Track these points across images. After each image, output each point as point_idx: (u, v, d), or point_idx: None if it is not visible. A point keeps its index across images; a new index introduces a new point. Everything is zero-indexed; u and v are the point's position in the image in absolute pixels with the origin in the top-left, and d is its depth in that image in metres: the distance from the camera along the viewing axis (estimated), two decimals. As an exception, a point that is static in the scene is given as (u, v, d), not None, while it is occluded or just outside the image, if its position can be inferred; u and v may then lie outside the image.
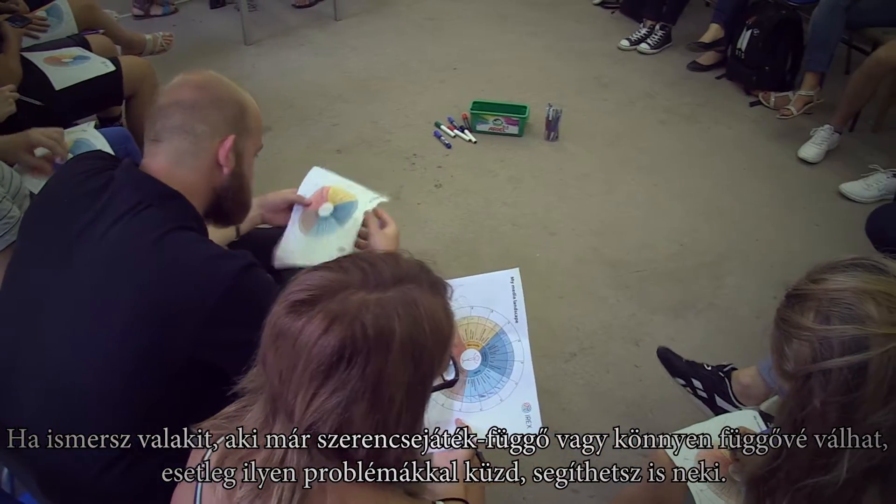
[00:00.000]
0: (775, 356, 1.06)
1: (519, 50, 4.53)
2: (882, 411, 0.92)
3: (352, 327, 0.89)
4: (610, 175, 3.45)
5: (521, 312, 1.49)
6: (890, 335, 0.92)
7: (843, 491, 0.96)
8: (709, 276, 2.90)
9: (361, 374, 0.90)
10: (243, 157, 1.52)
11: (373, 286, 0.93)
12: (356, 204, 1.89)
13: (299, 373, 0.90)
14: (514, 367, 1.45)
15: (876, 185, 3.29)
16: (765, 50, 3.98)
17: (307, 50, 4.44)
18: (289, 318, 0.91)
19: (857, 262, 1.01)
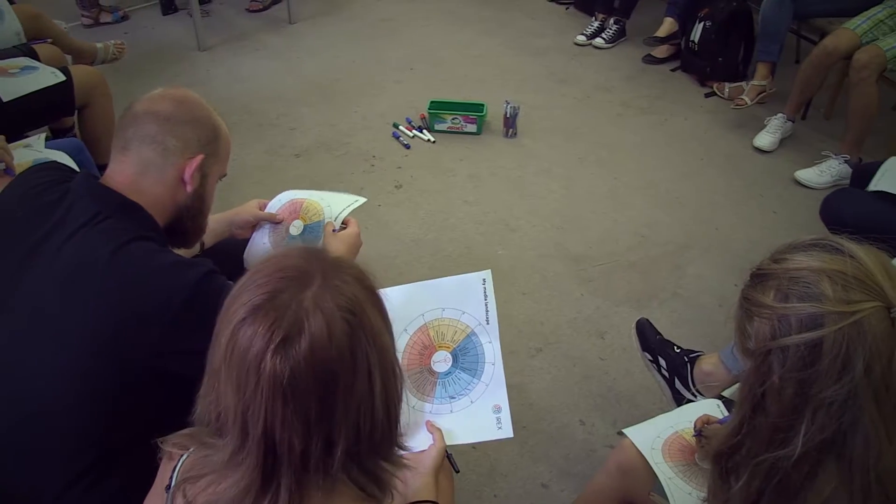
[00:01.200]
0: (738, 334, 1.08)
1: (475, 48, 4.53)
2: (835, 386, 0.93)
3: (343, 316, 0.91)
4: (569, 170, 3.47)
5: (492, 314, 1.50)
6: (843, 313, 0.93)
7: (800, 465, 0.98)
8: (671, 267, 2.93)
9: (369, 344, 0.93)
10: (207, 179, 1.51)
11: (306, 281, 0.94)
12: (323, 223, 1.90)
13: (331, 394, 0.90)
14: (484, 369, 1.46)
15: (829, 172, 3.35)
16: (718, 42, 4.03)
17: (262, 55, 4.40)
18: (286, 359, 0.88)
19: (816, 243, 1.03)
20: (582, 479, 2.11)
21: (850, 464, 0.94)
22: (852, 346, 0.92)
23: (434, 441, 1.31)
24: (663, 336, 2.26)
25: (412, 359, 1.42)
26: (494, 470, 2.17)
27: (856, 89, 3.18)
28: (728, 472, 1.12)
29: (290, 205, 1.96)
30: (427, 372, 1.43)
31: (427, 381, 1.42)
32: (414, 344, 1.44)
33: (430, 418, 1.37)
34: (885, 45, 3.09)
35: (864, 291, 0.95)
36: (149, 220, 1.42)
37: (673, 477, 1.51)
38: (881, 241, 1.90)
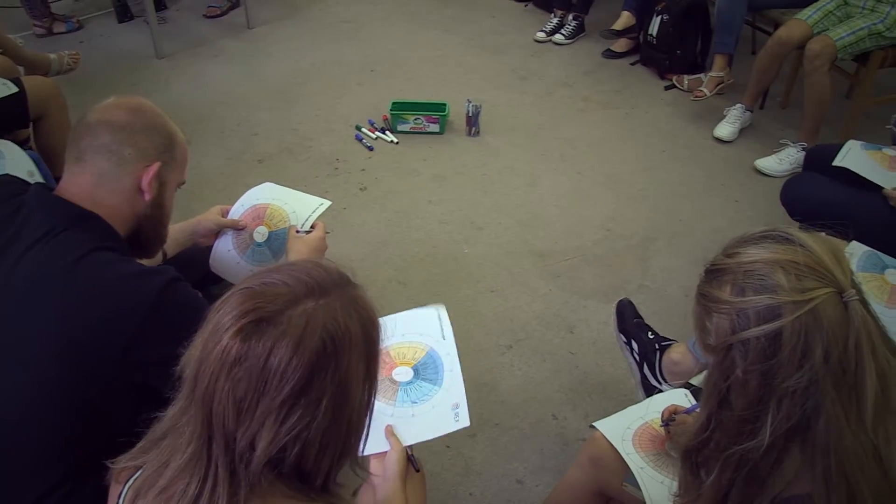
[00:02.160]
0: (698, 331, 1.08)
1: (436, 48, 4.54)
2: (797, 374, 0.94)
3: (322, 338, 0.89)
4: (533, 166, 3.49)
5: (448, 332, 1.54)
6: (799, 302, 0.94)
7: (768, 453, 0.99)
8: (637, 259, 2.96)
9: (334, 381, 0.91)
10: (166, 187, 1.50)
11: (319, 293, 0.93)
12: (287, 230, 1.90)
13: (270, 397, 0.88)
14: (444, 377, 1.48)
15: (788, 159, 3.40)
16: (675, 35, 4.08)
17: (222, 60, 4.36)
18: (247, 342, 0.88)
19: (766, 234, 1.04)
20: (556, 473, 2.12)
21: (813, 448, 0.96)
22: (810, 334, 0.94)
23: (392, 446, 1.31)
24: (642, 319, 2.27)
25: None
26: (469, 469, 2.17)
27: (809, 78, 3.24)
28: (698, 467, 1.13)
29: (252, 210, 1.95)
30: (389, 381, 1.45)
31: (389, 388, 1.44)
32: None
33: (392, 421, 1.37)
34: (835, 35, 3.15)
35: (816, 279, 0.96)
36: (108, 230, 1.40)
37: (644, 466, 1.53)
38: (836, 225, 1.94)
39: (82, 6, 4.89)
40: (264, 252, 1.89)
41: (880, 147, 2.49)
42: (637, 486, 1.50)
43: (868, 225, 2.29)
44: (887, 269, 1.99)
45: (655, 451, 1.56)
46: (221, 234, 1.93)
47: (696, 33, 4.15)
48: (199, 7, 4.92)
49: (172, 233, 1.74)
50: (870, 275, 1.98)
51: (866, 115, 3.52)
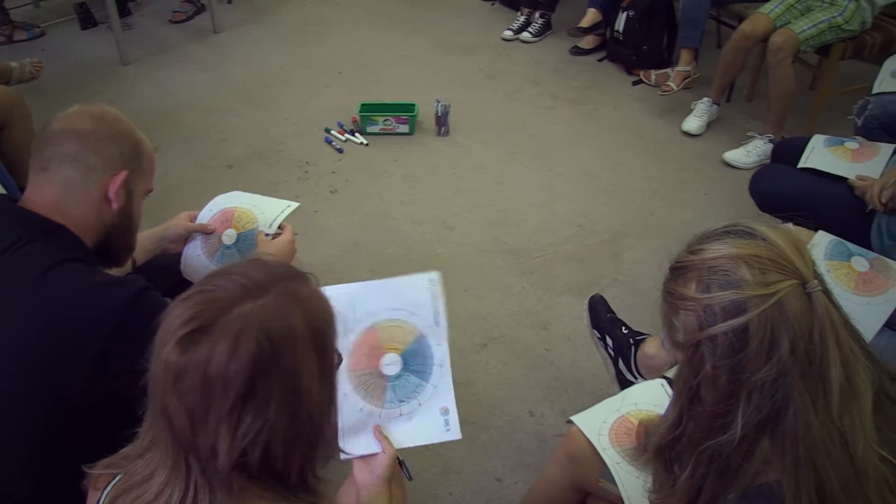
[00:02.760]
0: (666, 329, 1.09)
1: (403, 48, 4.53)
2: (766, 367, 0.95)
3: (257, 339, 0.88)
4: (503, 165, 3.49)
5: (441, 316, 1.46)
6: (764, 295, 0.95)
7: (739, 446, 1.00)
8: (609, 254, 2.97)
9: (279, 380, 0.90)
10: (133, 195, 1.49)
11: (256, 293, 0.92)
12: (257, 230, 1.89)
13: (217, 405, 0.88)
14: (433, 371, 1.45)
15: (755, 151, 3.44)
16: (641, 30, 4.11)
17: (188, 66, 4.33)
18: (185, 354, 0.88)
19: (729, 230, 1.05)
20: (534, 469, 2.13)
21: (782, 438, 0.97)
22: (776, 327, 0.95)
23: (383, 450, 1.30)
24: (615, 315, 2.29)
25: (359, 360, 1.41)
26: (448, 468, 2.17)
27: (774, 71, 3.28)
28: (672, 463, 1.14)
29: (221, 214, 1.94)
30: (377, 375, 1.42)
31: (377, 385, 1.41)
32: (361, 344, 1.43)
33: (379, 423, 1.36)
34: (797, 28, 3.19)
35: (779, 271, 0.97)
36: (75, 240, 1.39)
37: (620, 462, 1.53)
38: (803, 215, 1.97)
39: (43, 13, 4.83)
40: (233, 254, 1.88)
41: (842, 141, 2.53)
42: (613, 481, 1.50)
43: (834, 214, 2.33)
44: (853, 257, 2.02)
45: (632, 445, 1.56)
46: (190, 240, 1.92)
47: (662, 28, 4.18)
48: (163, 12, 4.88)
49: (141, 240, 1.73)
50: (837, 263, 2.01)
51: (830, 106, 3.57)
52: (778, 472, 0.99)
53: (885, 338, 1.82)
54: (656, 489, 1.21)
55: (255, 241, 1.86)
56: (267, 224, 1.90)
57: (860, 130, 2.74)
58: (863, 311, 1.88)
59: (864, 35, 3.33)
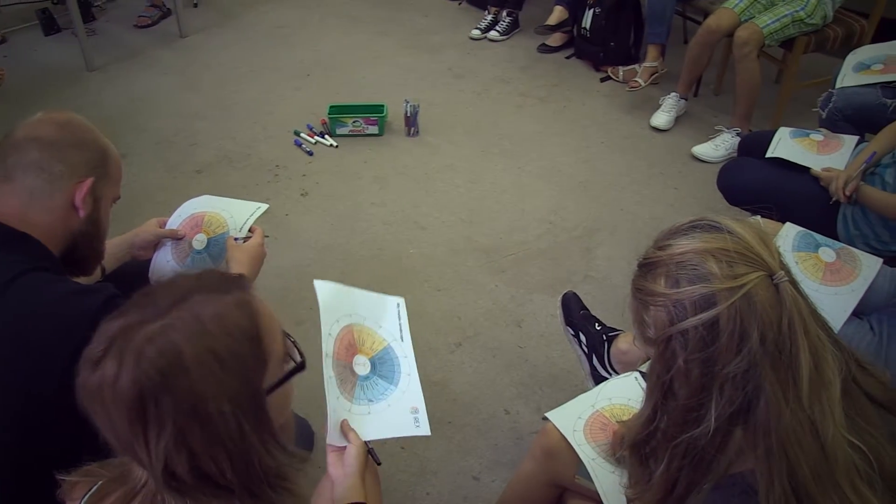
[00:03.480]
0: (637, 325, 1.10)
1: (371, 50, 4.52)
2: (737, 359, 0.96)
3: (139, 364, 0.86)
4: (473, 163, 3.50)
5: (406, 334, 1.54)
6: (732, 288, 0.96)
7: (713, 438, 1.00)
8: (581, 250, 2.98)
9: (173, 404, 0.87)
10: (100, 203, 1.47)
11: (152, 317, 0.90)
12: (228, 234, 1.88)
13: (121, 425, 0.88)
14: (401, 378, 1.48)
15: (723, 145, 3.47)
16: (608, 27, 4.13)
17: (156, 71, 4.29)
18: (87, 376, 0.89)
19: (695, 224, 1.06)
20: (511, 467, 2.13)
21: (755, 429, 0.98)
22: (746, 318, 0.95)
23: (351, 440, 1.31)
24: (588, 311, 2.30)
25: (340, 350, 1.44)
26: (425, 468, 2.17)
27: (739, 65, 3.31)
28: (647, 458, 1.15)
29: (190, 219, 1.92)
30: (349, 370, 1.44)
31: (349, 380, 1.43)
32: (343, 337, 1.46)
33: (349, 417, 1.37)
34: (762, 23, 3.23)
35: (747, 264, 0.98)
36: (41, 249, 1.37)
37: (596, 457, 1.54)
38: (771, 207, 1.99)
39: (4, 19, 4.74)
40: (204, 258, 1.87)
41: (808, 133, 2.57)
42: (589, 478, 1.51)
43: (801, 205, 2.36)
44: (820, 248, 2.04)
45: (607, 440, 1.57)
46: (160, 246, 1.90)
47: (629, 25, 4.20)
48: (129, 18, 4.83)
49: (110, 247, 1.71)
50: (805, 254, 2.03)
51: (795, 99, 3.61)
52: (751, 462, 1.00)
53: (853, 327, 1.85)
54: (632, 484, 1.22)
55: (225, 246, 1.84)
56: (237, 228, 1.89)
57: (824, 122, 2.78)
58: (831, 302, 1.90)
59: (827, 29, 3.38)
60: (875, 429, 1.02)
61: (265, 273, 2.69)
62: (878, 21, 3.49)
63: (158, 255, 1.90)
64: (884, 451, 1.00)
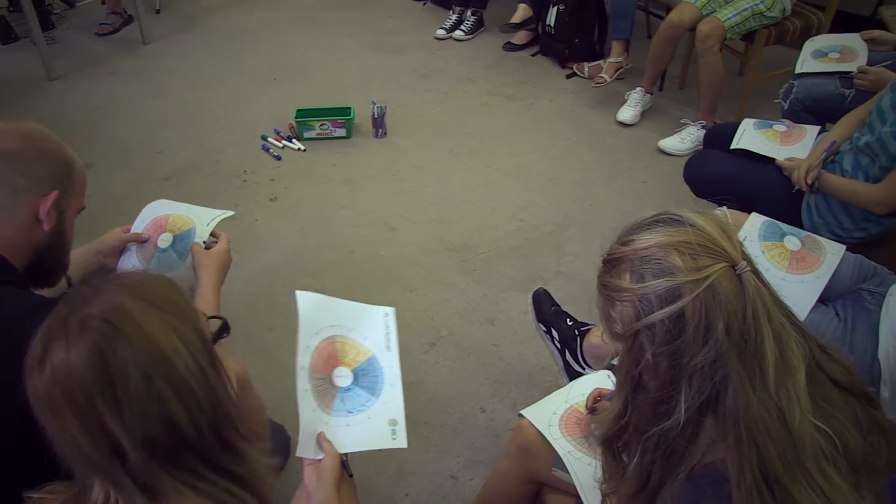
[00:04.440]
0: (604, 321, 1.10)
1: (337, 52, 4.51)
2: (703, 350, 0.97)
3: (85, 330, 0.91)
4: (442, 163, 3.50)
5: (393, 343, 1.53)
6: (696, 280, 0.97)
7: (684, 430, 1.02)
8: (551, 247, 3.00)
9: (129, 348, 0.92)
10: (65, 215, 1.45)
11: (81, 302, 0.95)
12: (194, 231, 1.85)
13: (86, 410, 0.90)
14: (383, 389, 1.47)
15: (689, 138, 3.51)
16: (572, 24, 4.15)
17: (119, 78, 4.24)
18: (36, 379, 0.92)
19: (657, 219, 1.07)
20: (489, 465, 2.13)
21: (724, 418, 0.99)
22: (711, 310, 0.96)
23: (326, 451, 1.30)
24: (560, 307, 2.31)
25: (318, 363, 1.43)
26: (403, 469, 2.17)
27: (702, 59, 3.35)
28: (620, 452, 1.16)
29: (154, 222, 1.90)
30: (329, 383, 1.43)
31: (328, 393, 1.42)
32: (322, 350, 1.45)
33: (326, 429, 1.36)
34: (723, 17, 3.27)
35: (709, 256, 0.99)
36: (4, 264, 1.35)
37: (572, 450, 1.55)
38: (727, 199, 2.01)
39: (-41, 29, 4.68)
40: (170, 256, 1.85)
41: (771, 124, 2.60)
42: (566, 470, 1.52)
43: (766, 195, 2.39)
44: (786, 237, 2.07)
45: (582, 434, 1.58)
46: (126, 251, 1.88)
47: (593, 21, 4.23)
48: (89, 25, 4.77)
49: (75, 257, 1.69)
50: (770, 243, 2.06)
51: (757, 91, 3.66)
52: (722, 451, 1.01)
53: (819, 313, 1.87)
54: (606, 479, 1.23)
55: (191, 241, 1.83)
56: (203, 225, 1.87)
57: (787, 113, 2.83)
58: (797, 289, 1.93)
59: (786, 21, 3.43)
60: (839, 412, 1.04)
61: (235, 279, 2.70)
62: (834, 13, 3.57)
63: (124, 260, 1.88)
64: (848, 434, 1.02)
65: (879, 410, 1.10)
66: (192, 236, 1.85)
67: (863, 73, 2.63)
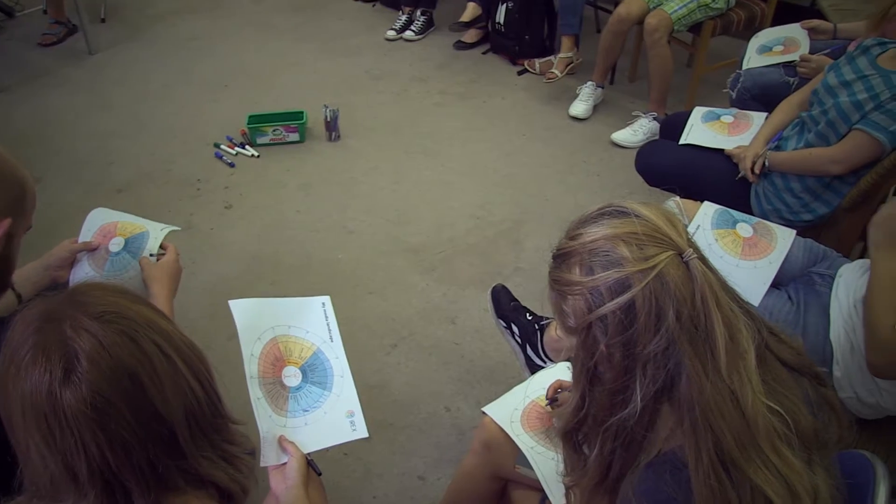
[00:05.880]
0: (557, 316, 1.11)
1: (289, 56, 4.48)
2: (656, 339, 0.98)
3: (107, 324, 0.92)
4: (397, 164, 3.50)
5: (335, 333, 1.53)
6: (645, 270, 0.99)
7: (641, 418, 1.03)
8: (509, 243, 3.01)
9: (139, 321, 0.95)
10: (14, 239, 1.41)
11: (66, 311, 0.94)
12: (148, 234, 1.83)
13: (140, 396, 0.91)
14: (334, 381, 1.47)
15: (641, 130, 3.55)
16: (521, 20, 4.18)
17: (67, 90, 4.16)
18: (72, 390, 0.89)
19: (603, 211, 1.08)
20: (456, 464, 2.13)
21: (679, 404, 1.00)
22: (661, 298, 0.98)
23: (291, 453, 1.30)
24: (519, 302, 2.32)
25: (266, 368, 1.42)
26: (369, 472, 2.17)
27: (651, 51, 3.39)
28: (580, 444, 1.17)
29: (101, 230, 1.87)
30: (279, 385, 1.42)
31: (280, 395, 1.41)
32: (267, 353, 1.44)
33: (286, 432, 1.36)
34: (669, 9, 3.32)
35: (656, 245, 1.00)
36: None
37: (535, 446, 1.56)
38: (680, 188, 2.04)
39: None
40: (123, 258, 1.81)
41: (718, 115, 2.65)
42: (529, 467, 1.53)
43: (716, 183, 2.43)
44: (738, 224, 2.10)
45: (544, 428, 1.59)
46: (77, 262, 1.84)
47: (542, 17, 4.26)
48: (32, 36, 4.65)
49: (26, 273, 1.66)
50: (723, 231, 2.09)
51: (706, 81, 3.71)
52: (679, 437, 1.02)
53: (773, 297, 1.91)
54: (569, 472, 1.24)
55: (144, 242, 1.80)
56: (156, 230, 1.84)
57: (735, 102, 2.88)
58: (751, 275, 1.96)
59: (731, 12, 3.49)
60: (790, 391, 1.06)
61: (193, 289, 2.67)
62: (777, 4, 3.64)
63: (76, 271, 1.84)
64: (799, 412, 1.04)
65: (829, 388, 1.13)
66: (146, 238, 1.82)
67: (805, 62, 2.71)
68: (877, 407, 1.68)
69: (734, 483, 0.96)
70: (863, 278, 1.72)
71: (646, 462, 1.06)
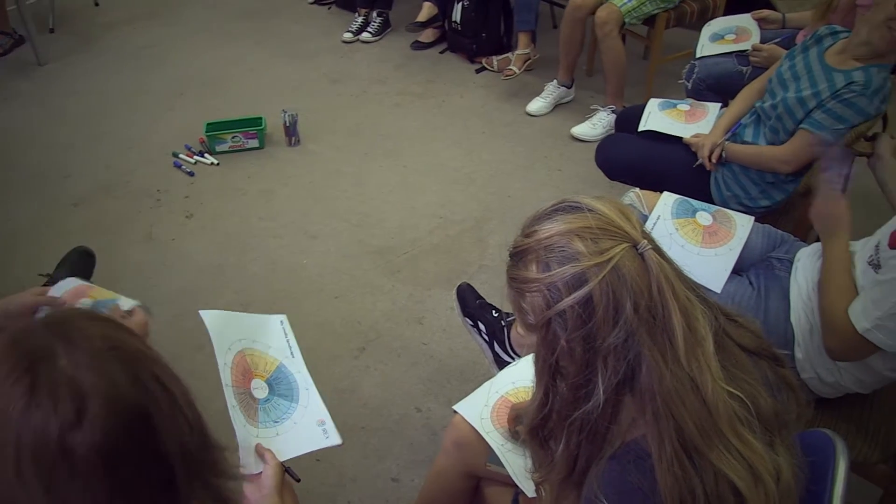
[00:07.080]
0: (517, 313, 1.12)
1: (245, 62, 4.44)
2: (615, 331, 0.99)
3: (107, 359, 0.85)
4: (358, 167, 3.49)
5: (295, 350, 1.54)
6: (600, 263, 0.99)
7: (604, 410, 1.04)
8: (473, 241, 3.02)
9: (144, 364, 0.89)
10: None
11: (54, 348, 0.86)
12: (118, 301, 1.79)
13: (146, 432, 0.84)
14: (300, 394, 1.48)
15: (600, 123, 3.57)
16: (478, 19, 4.19)
17: (16, 102, 4.07)
18: (81, 434, 0.80)
19: (557, 207, 1.09)
20: (429, 465, 2.12)
21: (641, 394, 1.01)
22: (618, 290, 0.98)
23: (267, 461, 1.30)
24: (485, 300, 2.32)
25: (238, 378, 1.43)
26: (343, 476, 2.16)
27: (602, 44, 3.42)
28: (546, 440, 1.18)
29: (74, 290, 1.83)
30: (250, 396, 1.42)
31: (251, 406, 1.42)
32: (237, 364, 1.45)
33: (260, 441, 1.36)
34: (619, 2, 3.35)
35: (610, 238, 1.01)
36: None
37: (505, 443, 1.57)
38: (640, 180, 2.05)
39: None
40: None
41: (675, 104, 2.68)
42: (500, 464, 1.53)
43: (676, 173, 2.45)
44: (697, 213, 2.13)
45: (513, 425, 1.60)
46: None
47: (498, 15, 4.27)
48: (-26, 48, 4.56)
49: None
50: (683, 220, 2.11)
51: (662, 73, 3.75)
52: (642, 427, 1.03)
53: (734, 284, 1.93)
54: (537, 468, 1.25)
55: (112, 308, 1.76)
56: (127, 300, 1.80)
57: (690, 93, 2.91)
58: (712, 263, 1.99)
59: (684, 4, 3.54)
60: (749, 375, 1.07)
61: (158, 301, 2.65)
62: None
63: None
64: (759, 395, 1.06)
65: (787, 369, 1.15)
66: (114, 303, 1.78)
67: (757, 51, 2.76)
68: (836, 386, 1.71)
69: (698, 469, 0.98)
70: (819, 262, 1.75)
71: (609, 454, 1.06)
